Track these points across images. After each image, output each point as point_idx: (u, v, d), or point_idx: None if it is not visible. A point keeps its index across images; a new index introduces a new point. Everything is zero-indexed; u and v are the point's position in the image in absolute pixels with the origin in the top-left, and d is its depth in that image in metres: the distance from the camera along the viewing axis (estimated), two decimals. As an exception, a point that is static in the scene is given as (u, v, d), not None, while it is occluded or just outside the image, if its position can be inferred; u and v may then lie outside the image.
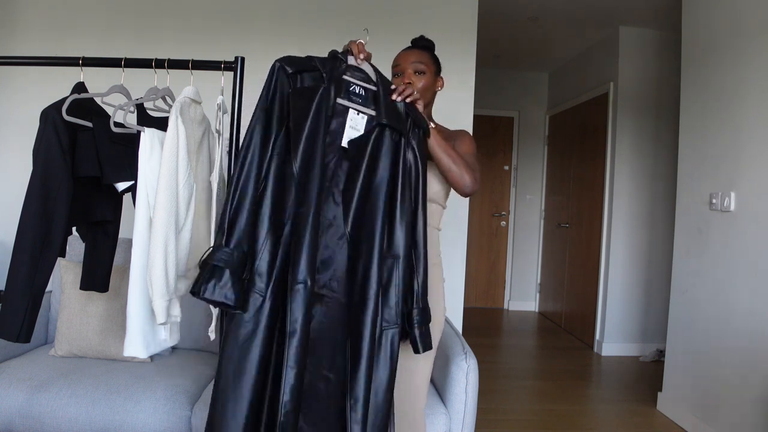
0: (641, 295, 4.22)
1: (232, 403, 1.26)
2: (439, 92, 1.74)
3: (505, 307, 5.83)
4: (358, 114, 1.41)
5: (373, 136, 1.38)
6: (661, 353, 3.86)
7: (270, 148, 1.32)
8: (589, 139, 4.64)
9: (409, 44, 1.71)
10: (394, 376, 1.36)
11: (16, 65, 2.35)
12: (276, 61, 1.38)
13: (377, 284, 1.33)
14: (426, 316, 1.45)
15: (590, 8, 3.82)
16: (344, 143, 1.39)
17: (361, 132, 1.40)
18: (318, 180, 1.30)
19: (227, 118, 1.57)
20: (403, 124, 1.42)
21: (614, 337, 4.20)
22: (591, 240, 4.51)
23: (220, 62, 1.54)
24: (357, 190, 1.36)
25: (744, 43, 2.52)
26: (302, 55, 1.59)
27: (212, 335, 1.58)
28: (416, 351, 1.43)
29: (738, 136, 2.54)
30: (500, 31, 4.33)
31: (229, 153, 1.55)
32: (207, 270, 1.25)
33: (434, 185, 1.61)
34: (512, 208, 5.79)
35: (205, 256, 1.27)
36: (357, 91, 1.42)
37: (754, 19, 2.46)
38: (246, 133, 1.32)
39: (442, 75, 1.75)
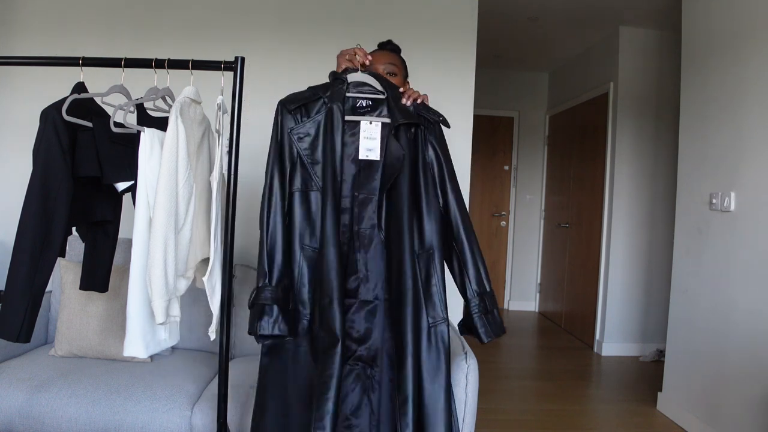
0: (641, 295, 4.22)
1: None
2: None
3: (505, 307, 5.82)
4: (370, 123, 1.47)
5: (390, 141, 1.44)
6: (661, 353, 3.86)
7: (288, 182, 1.42)
8: (589, 139, 4.64)
9: (377, 47, 1.73)
10: (450, 372, 1.42)
11: (16, 65, 2.35)
12: (278, 103, 1.47)
13: (412, 281, 1.37)
14: (485, 303, 1.48)
15: (590, 8, 3.82)
16: (361, 155, 1.46)
17: (377, 139, 1.47)
18: (337, 204, 1.39)
19: (227, 118, 1.57)
20: (416, 118, 1.47)
21: (614, 337, 4.20)
22: (591, 240, 4.51)
23: (220, 62, 1.54)
24: (385, 195, 1.44)
25: (744, 43, 2.52)
26: (302, 55, 1.59)
27: (212, 335, 1.58)
28: (480, 341, 1.49)
29: (738, 136, 2.54)
30: (500, 31, 4.33)
31: (229, 153, 1.55)
32: (257, 309, 1.35)
33: None
34: (512, 208, 5.79)
35: (252, 296, 1.37)
36: (364, 104, 1.49)
37: (754, 19, 2.46)
38: (266, 176, 1.43)
39: (441, 76, 1.77)
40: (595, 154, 4.52)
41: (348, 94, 1.48)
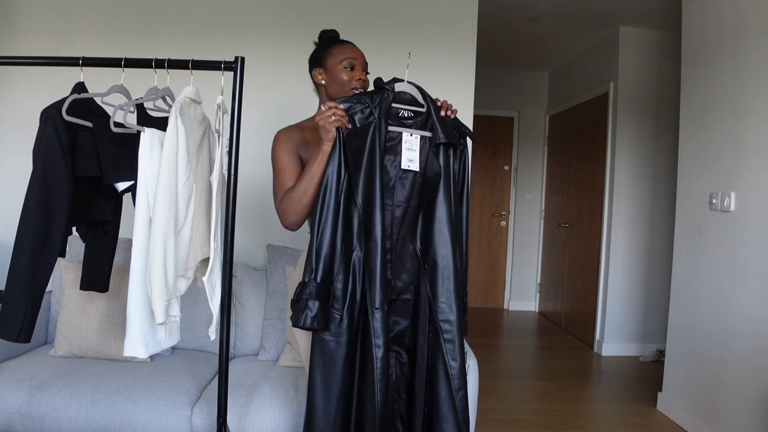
0: (641, 295, 4.22)
1: (323, 406, 1.43)
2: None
3: (505, 307, 5.83)
4: (411, 135, 1.53)
5: (430, 156, 1.52)
6: (661, 353, 3.86)
7: (342, 187, 1.46)
8: (589, 139, 4.64)
9: (319, 38, 1.71)
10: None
11: (15, 65, 2.35)
12: None
13: (456, 292, 1.50)
14: (465, 305, 1.62)
15: (590, 8, 3.82)
16: (403, 165, 1.52)
17: (416, 151, 1.53)
18: (380, 213, 1.45)
19: (227, 118, 1.57)
20: (456, 137, 1.56)
21: (614, 337, 4.21)
22: (591, 240, 4.51)
23: (220, 62, 1.54)
24: (423, 208, 1.51)
25: (744, 43, 2.52)
26: (302, 54, 1.59)
27: (212, 335, 1.58)
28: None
29: (738, 136, 2.54)
30: (500, 31, 4.33)
31: (229, 153, 1.55)
32: (302, 303, 1.42)
33: None
34: (512, 208, 5.79)
35: (299, 290, 1.43)
36: (407, 115, 1.55)
37: (754, 18, 2.46)
38: (324, 180, 1.45)
39: (441, 76, 1.79)
40: (595, 154, 4.52)
41: (393, 105, 1.52)
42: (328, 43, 1.69)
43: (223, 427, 1.61)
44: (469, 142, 1.81)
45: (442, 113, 1.56)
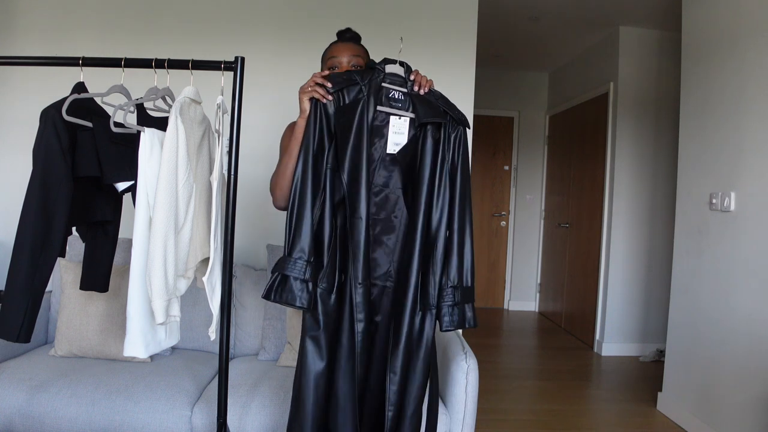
0: (641, 295, 4.22)
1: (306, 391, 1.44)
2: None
3: (505, 307, 5.83)
4: (399, 119, 1.50)
5: (420, 137, 1.49)
6: (661, 353, 3.86)
7: (324, 162, 1.44)
8: (589, 139, 4.64)
9: (344, 38, 1.70)
10: (428, 353, 1.50)
11: (16, 65, 2.35)
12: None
13: (417, 272, 1.46)
14: (456, 296, 1.50)
15: (590, 8, 3.82)
16: (389, 149, 1.49)
17: (405, 134, 1.50)
18: (366, 190, 1.42)
19: (227, 118, 1.57)
20: (441, 116, 1.50)
21: (614, 337, 4.21)
22: (591, 240, 4.51)
23: (220, 62, 1.54)
24: (409, 191, 1.49)
25: (744, 43, 2.52)
26: (302, 53, 1.58)
27: (212, 335, 1.58)
28: (441, 329, 1.51)
29: (738, 136, 2.54)
30: (500, 31, 4.33)
31: (229, 153, 1.55)
32: (274, 277, 1.41)
33: None
34: (512, 208, 5.79)
35: (276, 264, 1.42)
36: (396, 96, 1.51)
37: (754, 18, 2.46)
38: (300, 152, 1.43)
39: (441, 75, 1.77)
40: (595, 154, 4.52)
41: (383, 85, 1.50)
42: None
43: (223, 427, 1.61)
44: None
45: (421, 91, 1.51)
